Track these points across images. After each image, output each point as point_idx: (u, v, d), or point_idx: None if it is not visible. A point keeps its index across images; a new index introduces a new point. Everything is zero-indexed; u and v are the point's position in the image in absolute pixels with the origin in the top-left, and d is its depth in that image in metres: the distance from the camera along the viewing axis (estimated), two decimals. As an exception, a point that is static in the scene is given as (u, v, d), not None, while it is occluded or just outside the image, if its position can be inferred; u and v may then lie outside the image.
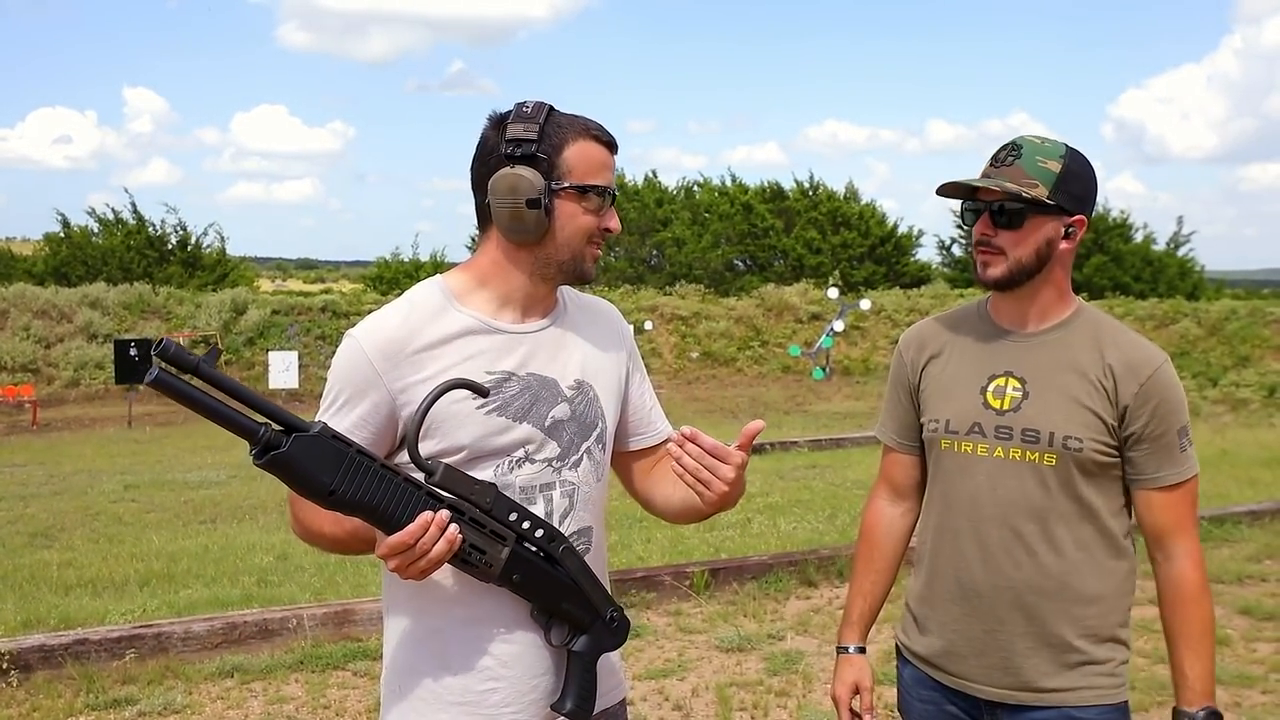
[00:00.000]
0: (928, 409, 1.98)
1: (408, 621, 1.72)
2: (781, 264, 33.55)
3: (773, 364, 23.66)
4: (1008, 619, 1.88)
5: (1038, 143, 1.86)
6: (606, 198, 1.69)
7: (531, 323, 1.73)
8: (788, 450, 12.00)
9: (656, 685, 4.48)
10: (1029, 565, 1.86)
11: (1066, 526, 1.85)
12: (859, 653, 2.07)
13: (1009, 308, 1.92)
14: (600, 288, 27.17)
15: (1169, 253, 34.46)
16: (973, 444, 1.89)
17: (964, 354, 1.96)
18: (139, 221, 30.46)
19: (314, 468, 1.42)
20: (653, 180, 34.77)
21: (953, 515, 1.93)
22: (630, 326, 1.93)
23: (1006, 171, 1.84)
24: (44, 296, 21.78)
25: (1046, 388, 1.86)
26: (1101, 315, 1.93)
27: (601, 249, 1.74)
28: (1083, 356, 1.86)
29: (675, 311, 24.82)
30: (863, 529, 2.14)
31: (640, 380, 1.89)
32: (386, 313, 1.70)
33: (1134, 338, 1.88)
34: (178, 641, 4.70)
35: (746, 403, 19.51)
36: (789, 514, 8.15)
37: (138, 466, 11.26)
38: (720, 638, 5.04)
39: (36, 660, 4.46)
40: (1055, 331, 1.89)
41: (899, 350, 2.08)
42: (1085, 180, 1.86)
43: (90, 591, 6.02)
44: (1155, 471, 1.85)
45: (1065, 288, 1.92)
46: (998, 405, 1.88)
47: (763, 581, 5.92)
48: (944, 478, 1.95)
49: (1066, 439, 1.82)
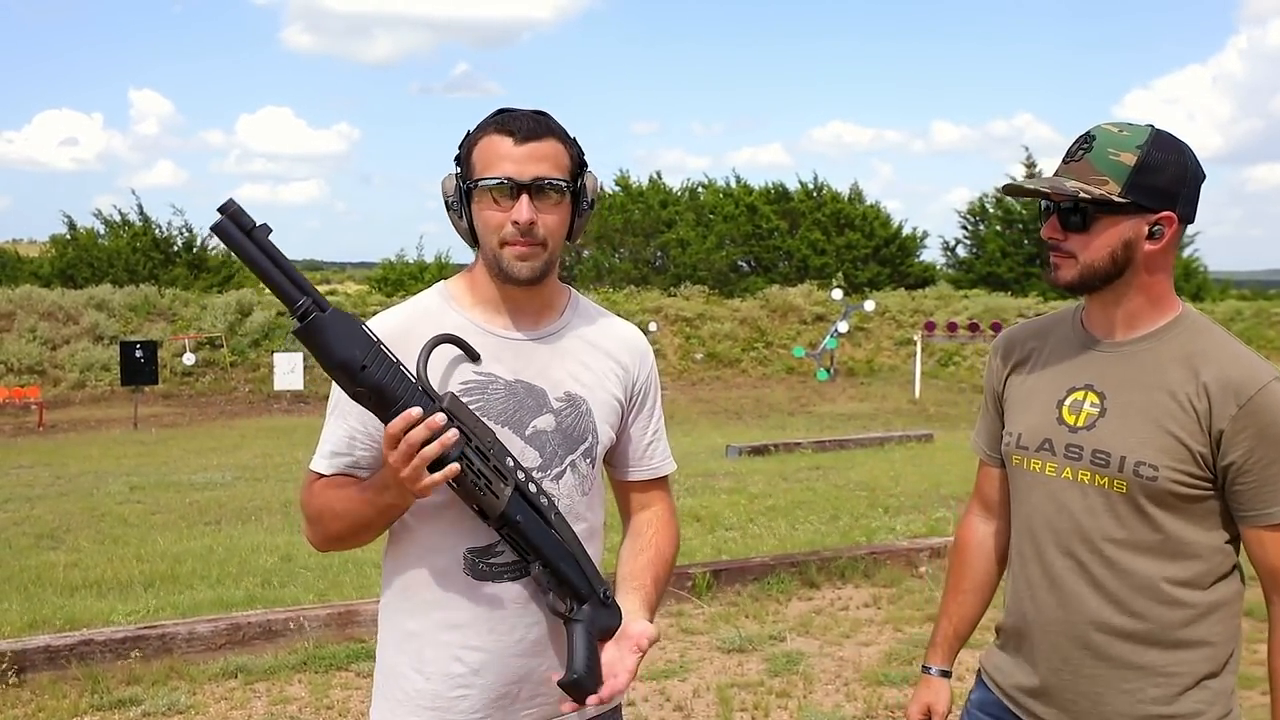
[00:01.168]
0: (1008, 419, 1.84)
1: (393, 624, 1.76)
2: (786, 265, 33.54)
3: (777, 365, 23.67)
4: (1072, 657, 1.72)
5: (1113, 132, 1.65)
6: (505, 188, 1.63)
7: (526, 330, 1.74)
8: (791, 452, 12.02)
9: (658, 686, 4.50)
10: (1094, 600, 1.69)
11: (1143, 560, 1.66)
12: (941, 675, 1.96)
13: (1096, 314, 1.75)
14: (605, 289, 27.20)
15: (1174, 254, 34.36)
16: (1041, 462, 1.74)
17: (1048, 362, 1.79)
18: (145, 223, 30.59)
19: (348, 341, 1.48)
20: (657, 181, 34.79)
21: (1021, 538, 1.80)
22: (653, 361, 1.89)
23: (1075, 167, 1.65)
24: (50, 298, 21.87)
25: (1127, 406, 1.67)
26: (1206, 325, 1.70)
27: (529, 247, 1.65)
28: (1174, 373, 1.64)
29: (680, 313, 24.83)
30: (954, 546, 2.02)
31: (646, 413, 1.85)
32: (387, 313, 1.76)
33: (1237, 351, 1.65)
34: (182, 642, 4.73)
35: (751, 404, 19.53)
36: (791, 516, 8.16)
37: (143, 468, 11.30)
38: (722, 639, 5.06)
39: (41, 661, 4.49)
40: (1145, 342, 1.69)
41: (990, 355, 1.94)
42: (1171, 171, 1.62)
43: (95, 593, 6.05)
44: (1264, 507, 1.62)
45: (1160, 293, 1.69)
46: (1072, 421, 1.71)
47: (764, 583, 5.93)
48: (1016, 496, 1.82)
49: (1139, 465, 1.63)
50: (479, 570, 1.69)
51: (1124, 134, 1.64)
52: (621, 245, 32.35)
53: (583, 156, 1.73)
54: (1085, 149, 1.65)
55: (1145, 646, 1.68)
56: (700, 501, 8.74)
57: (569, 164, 1.69)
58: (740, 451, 11.80)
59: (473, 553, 1.69)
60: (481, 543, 1.69)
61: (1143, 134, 1.64)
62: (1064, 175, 1.66)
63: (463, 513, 1.69)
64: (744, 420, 17.16)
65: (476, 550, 1.69)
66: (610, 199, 32.75)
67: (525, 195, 1.63)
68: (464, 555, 1.69)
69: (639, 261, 32.16)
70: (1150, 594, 1.67)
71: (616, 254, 32.25)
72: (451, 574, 1.70)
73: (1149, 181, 1.62)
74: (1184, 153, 1.65)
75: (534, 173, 1.63)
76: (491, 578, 1.70)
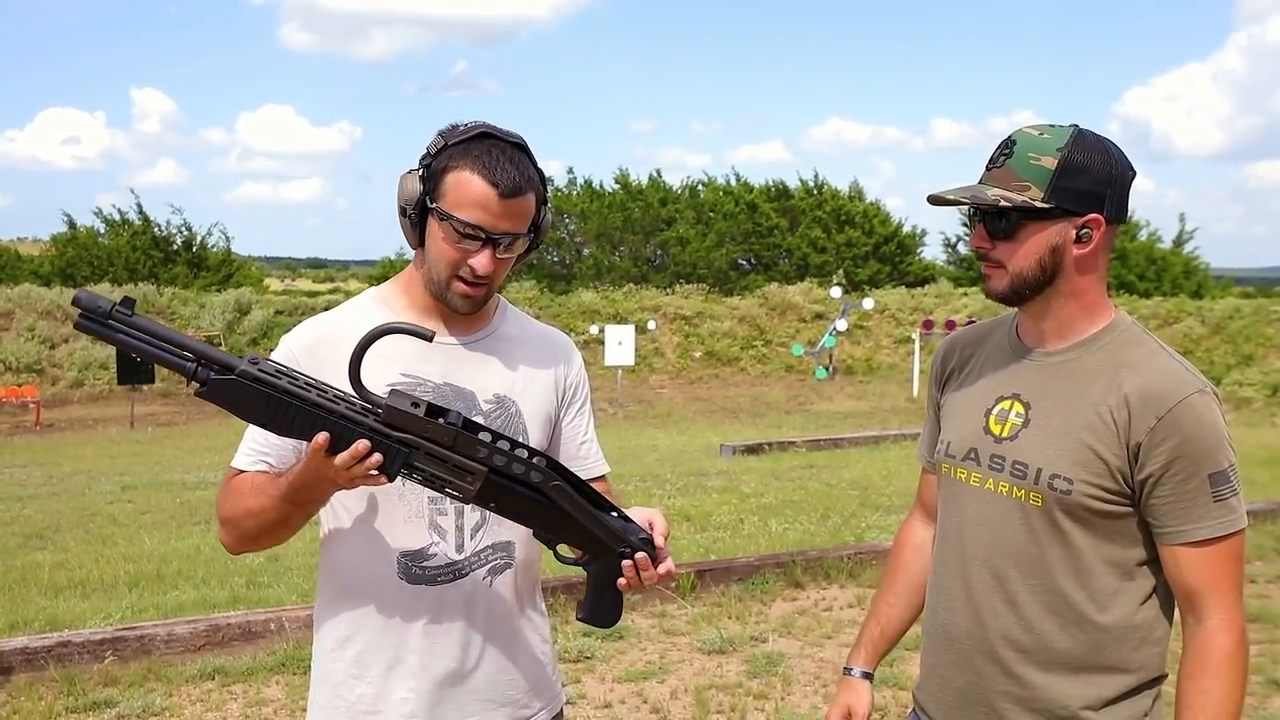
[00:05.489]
0: (942, 427, 1.80)
1: (327, 630, 1.75)
2: (786, 263, 33.53)
3: (776, 363, 23.66)
4: (985, 671, 1.67)
5: (1033, 135, 1.60)
6: (474, 236, 1.62)
7: (455, 335, 1.75)
8: (785, 450, 12.00)
9: (636, 688, 4.49)
10: (1008, 616, 1.64)
11: (1060, 578, 1.61)
12: (863, 678, 1.91)
13: (1027, 323, 1.70)
14: (605, 287, 27.18)
15: (1173, 251, 34.35)
16: (967, 471, 1.70)
17: (982, 371, 1.75)
18: (145, 222, 30.61)
19: (245, 407, 1.48)
20: (657, 180, 34.78)
21: (943, 547, 1.76)
22: (581, 362, 1.89)
23: (997, 174, 1.61)
24: (49, 297, 21.90)
25: (1049, 417, 1.62)
26: (1138, 335, 1.64)
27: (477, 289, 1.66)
28: (1097, 384, 1.59)
29: (679, 311, 24.83)
30: (892, 549, 1.99)
31: (577, 413, 1.86)
32: (318, 316, 1.77)
33: (1164, 364, 1.59)
34: (160, 644, 4.72)
35: (748, 402, 19.52)
36: (781, 515, 8.15)
37: (137, 467, 11.30)
38: (703, 640, 5.05)
39: (19, 663, 4.48)
40: (1073, 352, 1.64)
41: (933, 359, 1.91)
42: (1095, 173, 1.57)
43: (80, 593, 6.04)
44: (1179, 524, 1.56)
45: (1092, 300, 1.64)
46: (998, 431, 1.67)
47: (749, 583, 5.92)
48: (943, 505, 1.78)
49: (1054, 478, 1.59)
50: (412, 574, 1.69)
51: (1044, 137, 1.60)
52: (621, 243, 32.35)
53: (546, 193, 1.73)
54: (1006, 155, 1.61)
55: (1052, 669, 1.63)
56: (691, 501, 8.73)
57: (535, 210, 1.69)
58: (734, 450, 11.78)
59: (406, 556, 1.69)
60: (415, 546, 1.69)
61: (1063, 136, 1.59)
62: (987, 182, 1.62)
63: (395, 515, 1.68)
64: (740, 419, 17.15)
65: (410, 554, 1.69)
66: (610, 197, 32.76)
67: (490, 248, 1.64)
68: (397, 559, 1.68)
69: (639, 259, 32.17)
70: (1061, 613, 1.62)
71: (616, 252, 32.25)
72: (385, 578, 1.69)
73: (1071, 184, 1.57)
74: (1108, 152, 1.60)
75: (505, 228, 1.63)
76: (426, 581, 1.69)
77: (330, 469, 1.48)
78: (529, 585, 1.80)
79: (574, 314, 23.71)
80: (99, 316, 1.44)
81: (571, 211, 32.62)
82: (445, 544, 1.69)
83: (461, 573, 1.70)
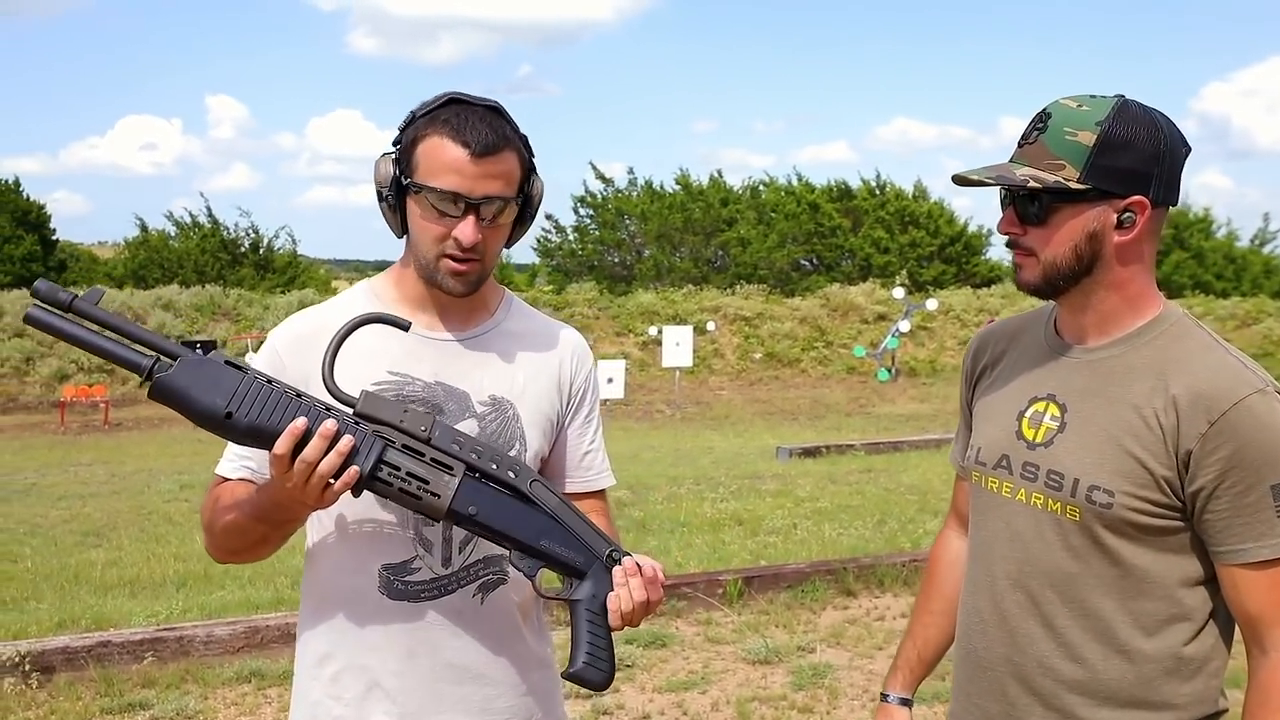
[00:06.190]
0: (974, 430, 1.64)
1: (307, 647, 1.64)
2: (849, 264, 33.13)
3: (837, 365, 23.33)
4: (1020, 702, 1.51)
5: (1071, 108, 1.42)
6: (453, 204, 1.50)
7: (451, 330, 1.63)
8: (843, 453, 11.77)
9: (676, 698, 4.36)
10: (1046, 641, 1.48)
11: (1101, 600, 1.44)
12: (901, 704, 1.76)
13: (1066, 317, 1.53)
14: (665, 289, 27.06)
15: (1254, 250, 33.32)
16: (999, 480, 1.53)
17: (1015, 368, 1.58)
18: (214, 225, 31.18)
19: (204, 392, 1.35)
20: (718, 180, 34.57)
21: (975, 563, 1.60)
22: (592, 364, 1.76)
23: (1029, 151, 1.43)
24: (120, 299, 22.39)
25: (1087, 420, 1.45)
26: (1188, 328, 1.46)
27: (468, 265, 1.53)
28: (1141, 384, 1.42)
29: (739, 312, 24.61)
30: (927, 565, 1.84)
31: (584, 421, 1.72)
32: (307, 310, 1.68)
33: (1219, 360, 1.41)
34: (199, 645, 4.70)
35: (808, 404, 19.26)
36: (836, 520, 7.95)
37: (196, 466, 11.41)
38: (748, 649, 4.89)
39: (60, 662, 4.48)
40: (1115, 348, 1.46)
41: (964, 356, 1.75)
42: (1140, 149, 1.39)
43: (128, 592, 6.08)
44: (1238, 543, 1.37)
45: (1138, 291, 1.46)
46: (1031, 436, 1.50)
47: (798, 591, 5.75)
48: (974, 517, 1.61)
49: (1092, 490, 1.41)
50: (395, 589, 1.57)
51: (1083, 109, 1.41)
52: (681, 244, 32.19)
53: (532, 159, 1.59)
54: (1040, 129, 1.43)
55: (1096, 701, 1.46)
56: (744, 504, 8.57)
57: (520, 174, 1.56)
58: (791, 453, 11.58)
59: (388, 570, 1.57)
60: (398, 559, 1.57)
61: (1105, 107, 1.41)
62: (1017, 161, 1.45)
63: (379, 526, 1.58)
64: (799, 421, 16.91)
65: (392, 567, 1.57)
66: (670, 198, 32.63)
67: (473, 215, 1.51)
68: (379, 573, 1.57)
69: (699, 260, 31.99)
70: (1106, 641, 1.45)
71: (676, 253, 32.10)
72: (366, 593, 1.58)
73: (1112, 162, 1.39)
74: (1156, 125, 1.41)
75: (485, 191, 1.50)
76: (409, 597, 1.57)
77: (295, 476, 1.36)
78: (527, 604, 1.66)
79: (633, 315, 23.62)
80: (57, 307, 1.34)
81: (632, 213, 32.56)
82: (431, 557, 1.58)
83: (448, 589, 1.58)
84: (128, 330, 1.37)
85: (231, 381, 1.36)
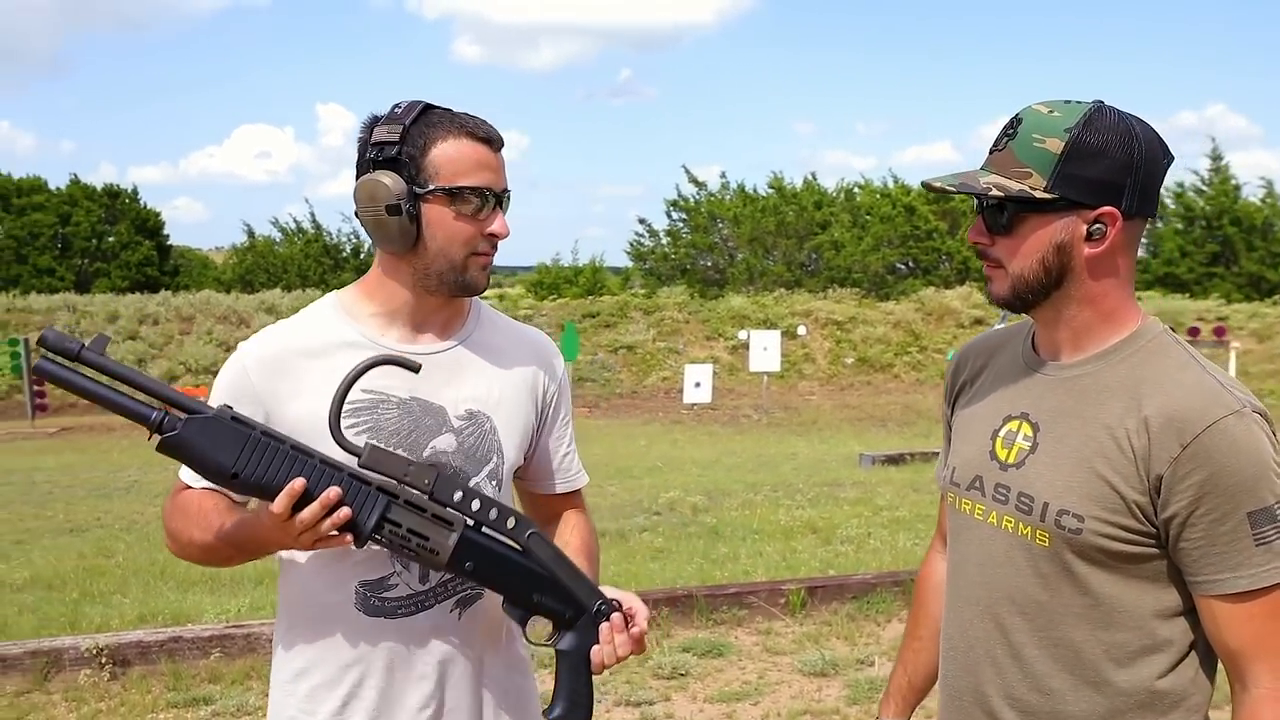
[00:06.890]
0: (951, 449, 1.59)
1: (281, 662, 1.67)
2: (946, 267, 32.47)
3: (931, 370, 22.87)
4: None
5: (1042, 113, 1.37)
6: (486, 200, 1.55)
7: (425, 343, 1.64)
8: (928, 461, 11.52)
9: (727, 709, 4.32)
10: (1012, 671, 1.42)
11: (1072, 629, 1.38)
12: None
13: (1040, 332, 1.48)
14: (757, 292, 26.91)
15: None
16: (972, 503, 1.48)
17: (992, 384, 1.53)
18: (317, 230, 32.13)
19: (212, 449, 1.38)
20: (811, 182, 34.24)
21: (950, 588, 1.55)
22: (564, 364, 1.79)
23: (998, 158, 1.39)
24: (226, 302, 23.24)
25: (1059, 441, 1.39)
26: (1166, 344, 1.39)
27: (492, 256, 1.60)
28: (1114, 403, 1.36)
29: (830, 316, 24.32)
30: (915, 588, 1.79)
31: (561, 425, 1.75)
32: (275, 325, 1.67)
33: (1194, 379, 1.34)
34: (265, 642, 4.82)
35: (899, 410, 18.92)
36: (913, 529, 7.80)
37: (288, 466, 11.76)
38: (805, 661, 4.83)
39: (134, 656, 4.66)
40: (1089, 365, 1.40)
41: (945, 370, 1.70)
42: (1111, 158, 1.33)
43: (208, 588, 6.28)
44: (1214, 573, 1.31)
45: (1113, 306, 1.40)
46: (1004, 456, 1.45)
47: (863, 602, 5.65)
48: (950, 539, 1.57)
49: (1061, 515, 1.35)
50: (371, 606, 1.59)
51: (1054, 115, 1.36)
52: (774, 248, 31.96)
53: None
54: (1010, 135, 1.38)
55: None
56: (820, 513, 8.47)
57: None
58: (874, 460, 11.39)
59: (365, 586, 1.59)
60: (375, 575, 1.59)
61: (1076, 114, 1.35)
62: (986, 168, 1.40)
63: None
64: (888, 428, 16.63)
65: (369, 583, 1.59)
66: (763, 201, 32.43)
67: (499, 209, 1.58)
68: (355, 588, 1.59)
69: (792, 264, 31.72)
70: (1075, 672, 1.39)
71: (769, 256, 31.89)
72: (342, 609, 1.59)
73: (1080, 171, 1.33)
74: (1131, 133, 1.35)
75: (504, 183, 1.58)
76: (385, 613, 1.59)
77: (291, 530, 1.39)
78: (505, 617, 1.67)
79: (723, 319, 23.53)
80: (65, 356, 1.34)
81: (724, 216, 32.44)
82: (409, 574, 1.59)
83: (425, 605, 1.59)
84: (134, 380, 1.38)
85: (237, 441, 1.38)
